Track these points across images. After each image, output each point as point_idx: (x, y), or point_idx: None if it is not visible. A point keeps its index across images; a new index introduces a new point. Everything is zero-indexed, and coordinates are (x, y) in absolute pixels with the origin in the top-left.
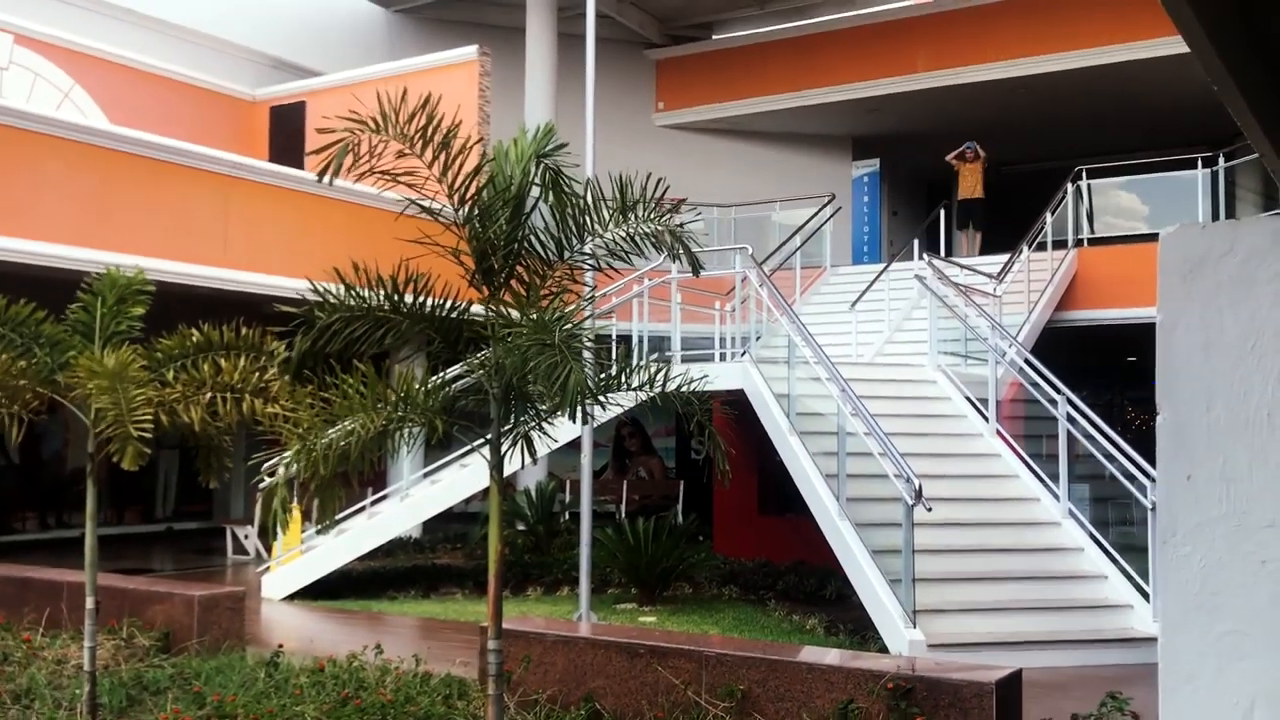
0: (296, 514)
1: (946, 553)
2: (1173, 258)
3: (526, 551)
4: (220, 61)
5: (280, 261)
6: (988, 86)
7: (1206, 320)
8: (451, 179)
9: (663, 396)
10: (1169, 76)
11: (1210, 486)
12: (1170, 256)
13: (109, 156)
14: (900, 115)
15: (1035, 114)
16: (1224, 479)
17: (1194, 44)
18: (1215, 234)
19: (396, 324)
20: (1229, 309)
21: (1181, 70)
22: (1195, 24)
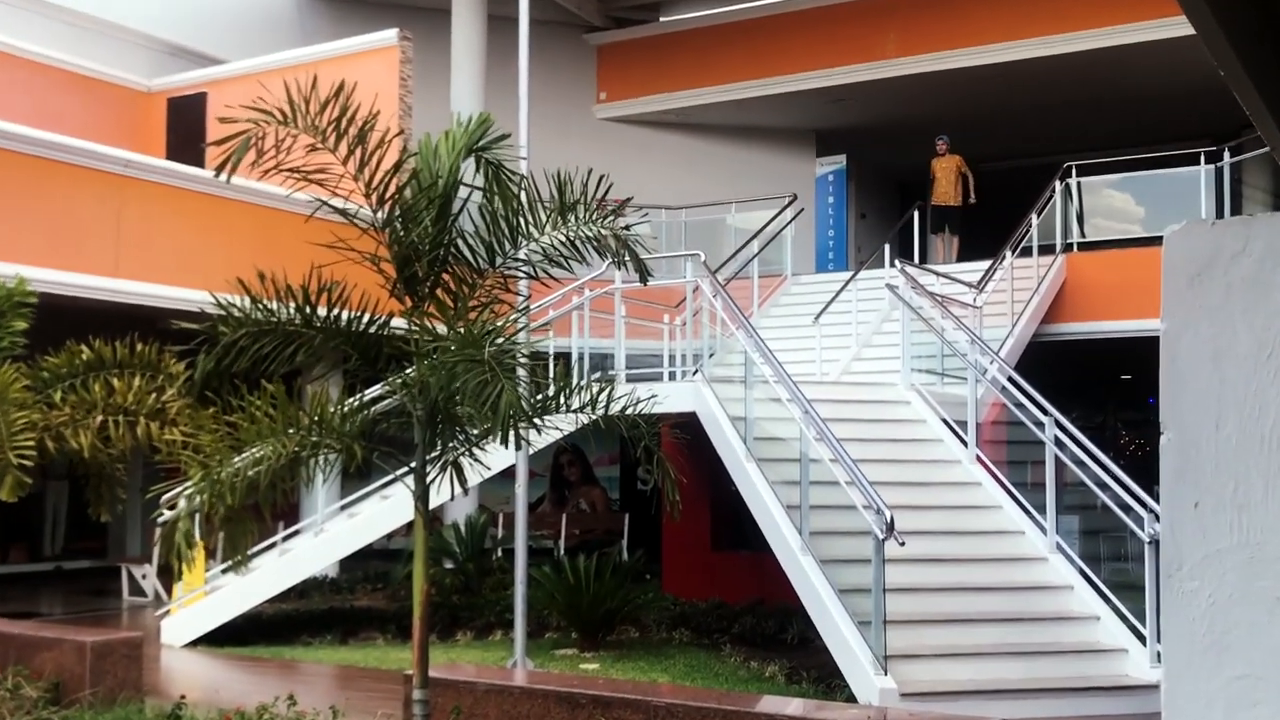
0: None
1: (921, 591)
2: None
3: (455, 592)
4: (111, 48)
5: (179, 271)
6: (966, 74)
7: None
8: (369, 176)
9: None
10: (1169, 62)
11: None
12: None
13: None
14: (869, 106)
15: (1019, 105)
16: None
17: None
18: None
19: (309, 339)
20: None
21: (1183, 55)
22: (1201, 2)
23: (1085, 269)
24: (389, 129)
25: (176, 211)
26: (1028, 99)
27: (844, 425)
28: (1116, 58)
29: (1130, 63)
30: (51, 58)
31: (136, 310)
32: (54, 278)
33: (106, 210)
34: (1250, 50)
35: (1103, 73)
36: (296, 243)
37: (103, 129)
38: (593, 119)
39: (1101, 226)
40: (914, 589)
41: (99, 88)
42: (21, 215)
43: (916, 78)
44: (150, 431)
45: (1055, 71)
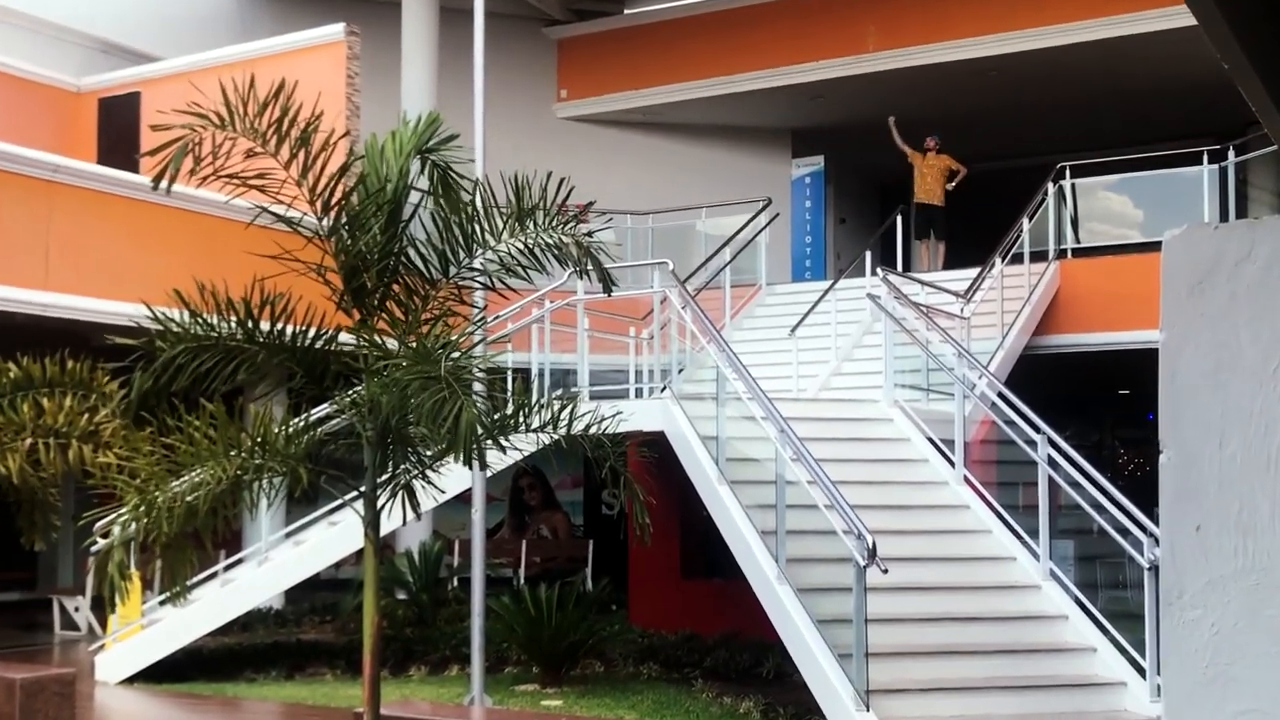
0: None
1: (906, 622)
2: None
3: (408, 624)
4: (38, 45)
5: (113, 283)
6: (952, 69)
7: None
8: (313, 181)
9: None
10: (1168, 54)
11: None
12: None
13: None
14: (848, 104)
15: (1009, 101)
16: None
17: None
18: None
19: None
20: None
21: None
22: None
23: (1080, 277)
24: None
25: (110, 219)
26: (1019, 95)
27: (823, 445)
28: (1112, 50)
29: (1127, 56)
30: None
31: (68, 325)
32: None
33: (35, 218)
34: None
35: (1098, 67)
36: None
37: (30, 131)
38: (553, 118)
39: (1097, 231)
40: (898, 619)
41: (24, 87)
42: None
43: (899, 73)
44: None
45: (1048, 66)
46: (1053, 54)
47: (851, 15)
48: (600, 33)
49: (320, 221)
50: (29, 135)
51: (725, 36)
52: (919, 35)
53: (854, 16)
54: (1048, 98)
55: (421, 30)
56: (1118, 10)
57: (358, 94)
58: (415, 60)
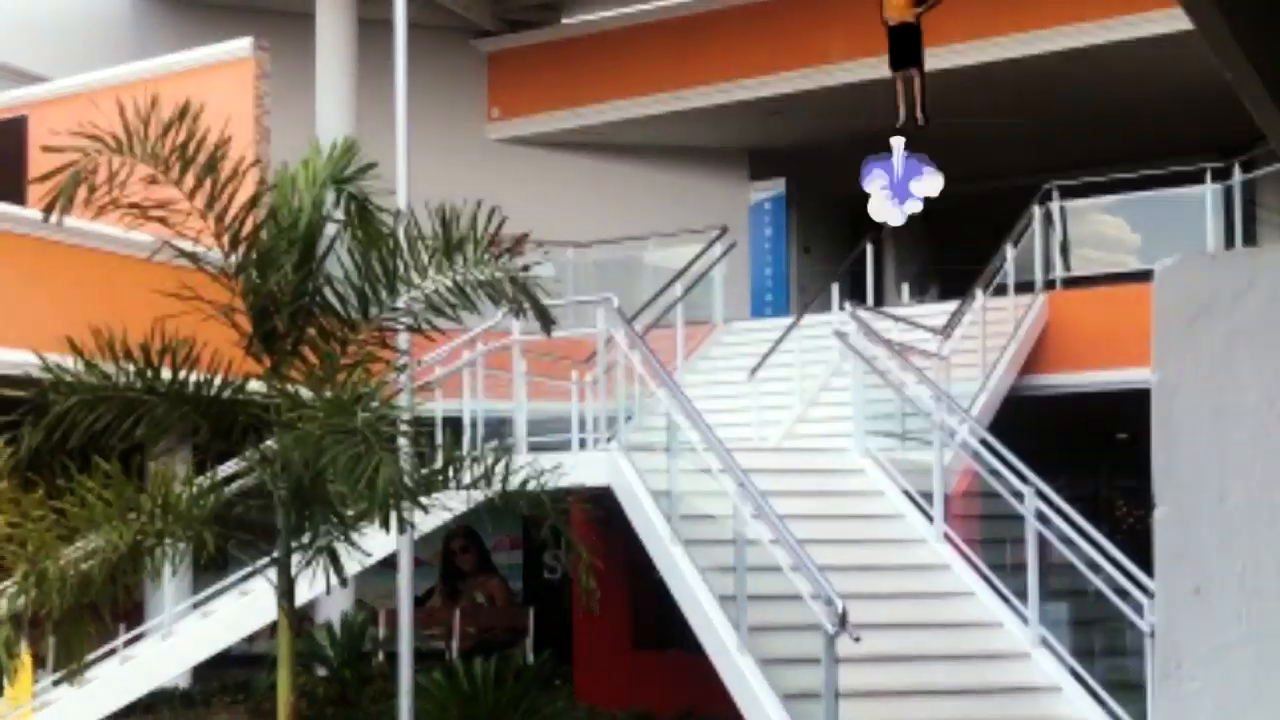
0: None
1: (881, 696)
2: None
3: (329, 703)
4: None
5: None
6: (927, 80)
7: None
8: (220, 213)
9: (504, 496)
10: (1168, 62)
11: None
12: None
13: None
14: (811, 120)
15: (991, 116)
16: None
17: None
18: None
19: (152, 408)
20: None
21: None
22: None
23: (1072, 309)
24: (243, 157)
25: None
26: (1001, 108)
27: (787, 500)
28: (1104, 57)
29: (1120, 62)
30: None
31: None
32: None
33: None
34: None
35: (1089, 75)
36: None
37: None
38: (484, 140)
39: (1090, 258)
40: (873, 693)
41: None
42: None
43: (867, 85)
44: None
45: (1033, 75)
46: (1040, 62)
47: (813, 23)
48: (535, 45)
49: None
50: None
51: (674, 48)
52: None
53: (816, 24)
54: (1033, 111)
55: (337, 44)
56: (1109, 14)
57: (267, 116)
58: (330, 78)
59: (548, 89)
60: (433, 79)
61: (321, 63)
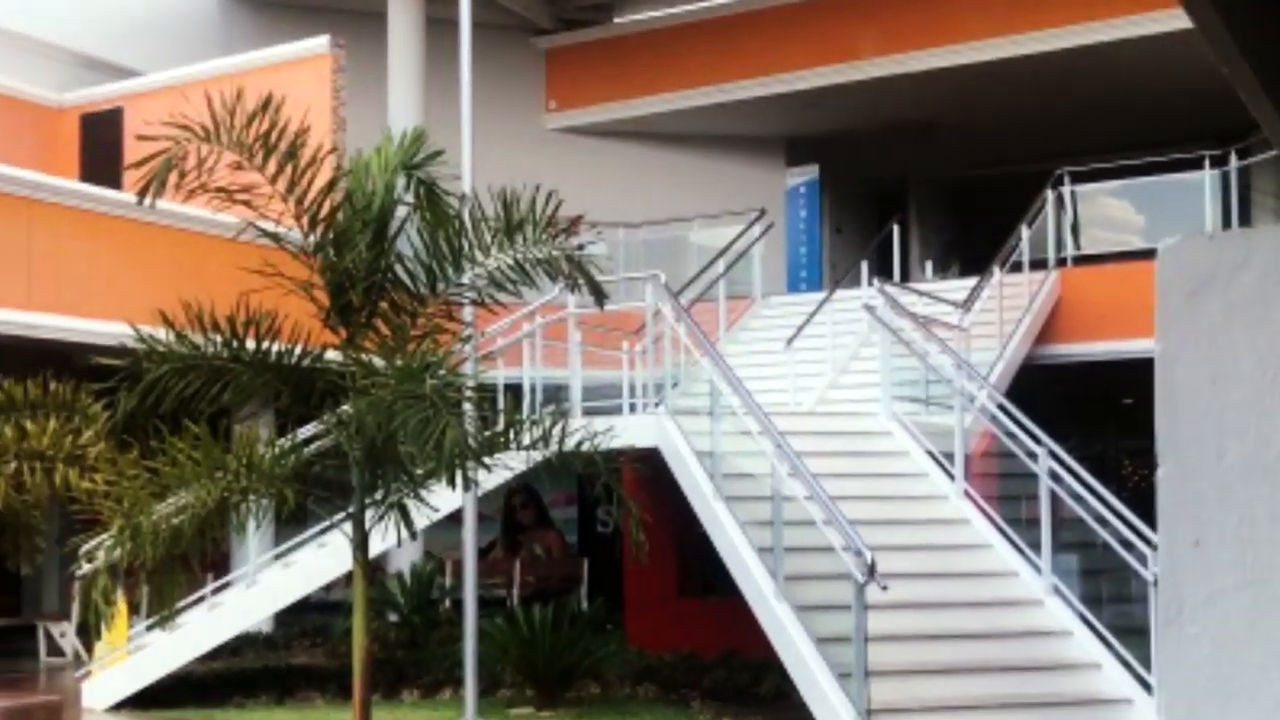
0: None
1: (907, 640)
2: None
3: (400, 647)
4: (18, 60)
5: (97, 302)
6: (948, 74)
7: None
8: (300, 196)
9: (560, 456)
10: (1170, 58)
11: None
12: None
13: None
14: (843, 111)
15: (1007, 107)
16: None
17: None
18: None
19: (237, 375)
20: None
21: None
22: None
23: (1081, 285)
24: (321, 145)
25: (93, 237)
26: (1016, 100)
27: (820, 459)
28: (1112, 53)
29: (1127, 58)
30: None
31: (51, 345)
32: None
33: (16, 237)
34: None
35: (1097, 71)
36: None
37: (10, 149)
38: (542, 130)
39: (1099, 238)
40: (899, 637)
41: (5, 104)
42: None
43: (895, 79)
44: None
45: (1046, 69)
46: (1052, 58)
47: (846, 21)
48: (589, 42)
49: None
50: (9, 152)
51: (717, 44)
52: (915, 40)
53: (849, 22)
54: (1047, 103)
55: (407, 42)
56: (1118, 13)
57: (343, 107)
58: (401, 73)
59: (601, 82)
60: (495, 73)
61: (393, 59)
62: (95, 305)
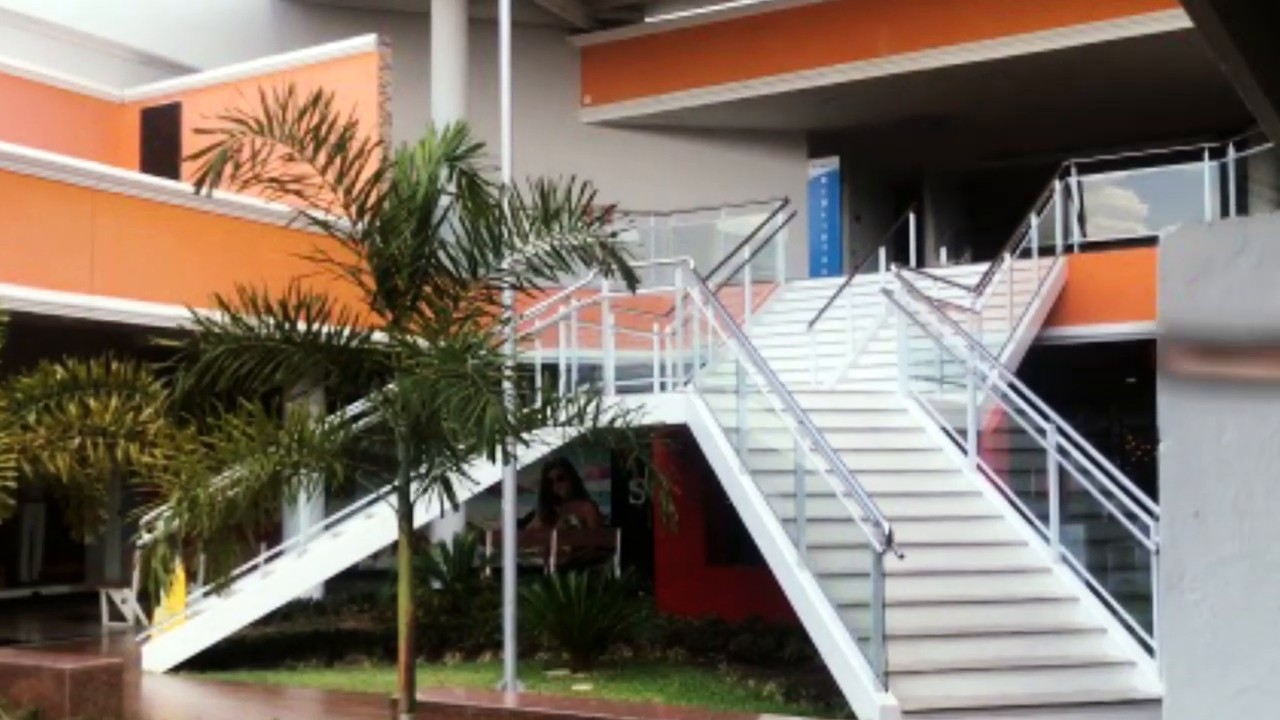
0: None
1: (922, 606)
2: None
3: (443, 612)
4: (83, 58)
5: (155, 286)
6: (961, 71)
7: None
8: (348, 186)
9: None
10: (1171, 55)
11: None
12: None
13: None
14: (861, 106)
15: (1016, 102)
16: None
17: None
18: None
19: (289, 356)
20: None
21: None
22: None
23: (1087, 270)
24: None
25: (152, 225)
26: (1025, 95)
27: (840, 435)
28: (1116, 51)
29: (1130, 57)
30: (21, 69)
31: (112, 327)
32: (26, 295)
33: (80, 225)
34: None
35: (1103, 67)
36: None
37: (75, 141)
38: (577, 123)
39: (1104, 226)
40: (914, 603)
41: (71, 99)
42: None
43: (910, 75)
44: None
45: (1054, 67)
46: (1059, 55)
47: (863, 20)
48: (622, 40)
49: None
50: (74, 145)
51: (742, 43)
52: (929, 39)
53: (866, 22)
54: (1054, 98)
55: (450, 40)
56: (1122, 13)
57: (389, 102)
58: (444, 69)
59: (633, 79)
60: (533, 70)
61: (436, 56)
62: (155, 289)
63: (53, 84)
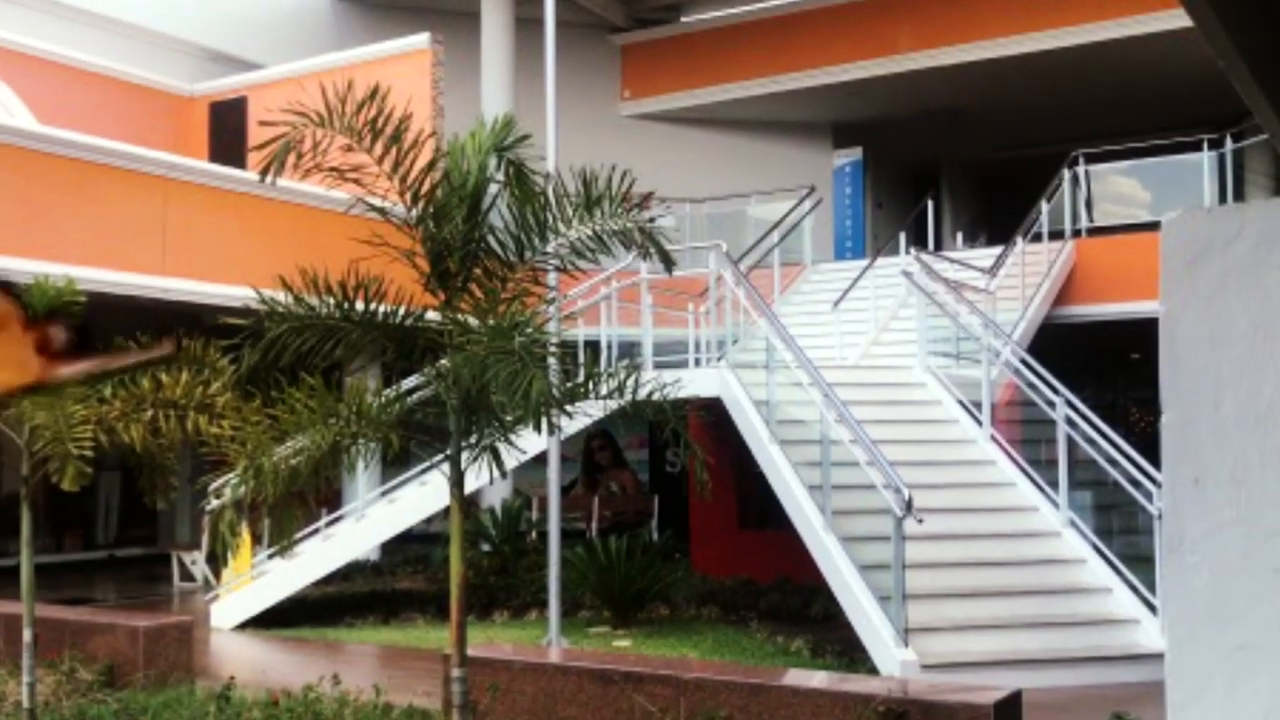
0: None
1: (939, 567)
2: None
3: (492, 573)
4: (156, 55)
5: (222, 269)
6: (976, 67)
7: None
8: (403, 175)
9: (634, 405)
10: (1172, 53)
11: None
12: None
13: (37, 159)
14: (883, 100)
15: (1028, 96)
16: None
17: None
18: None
19: (347, 334)
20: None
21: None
22: None
23: (1094, 253)
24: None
25: (220, 211)
26: (1036, 90)
27: (863, 407)
28: (1122, 48)
29: (1135, 53)
30: (100, 66)
31: (182, 307)
32: (103, 277)
33: (152, 211)
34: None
35: (1109, 63)
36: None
37: (149, 133)
38: (617, 116)
39: (1109, 212)
40: (932, 565)
41: (145, 94)
42: (71, 218)
43: (929, 71)
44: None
45: (1063, 63)
46: (1068, 52)
47: (885, 19)
48: (660, 39)
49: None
50: (147, 137)
51: (772, 41)
52: (946, 37)
53: (888, 20)
54: (1063, 92)
55: (498, 39)
56: (1127, 13)
57: (441, 96)
58: (493, 65)
59: (670, 74)
60: (576, 66)
61: (485, 53)
62: (222, 271)
63: (128, 79)
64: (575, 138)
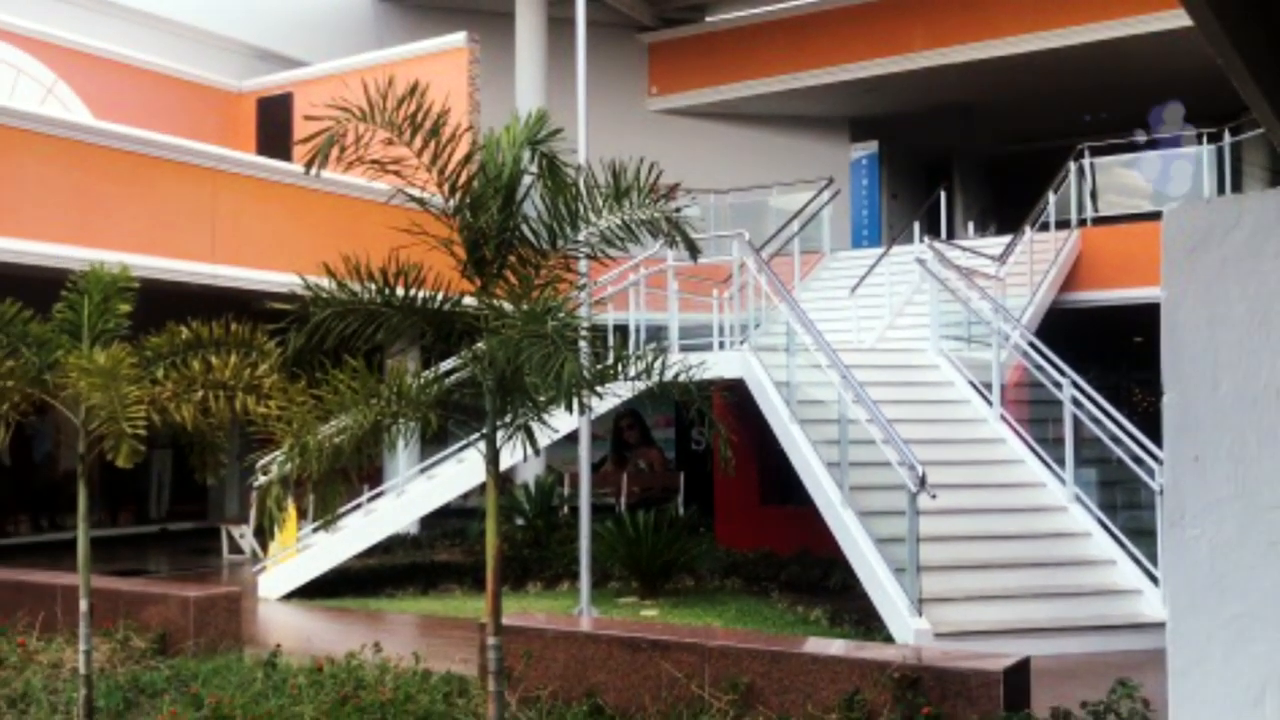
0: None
1: (951, 540)
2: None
3: (526, 546)
4: (205, 53)
5: (269, 256)
6: (987, 64)
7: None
8: (441, 167)
9: (661, 386)
10: (1172, 50)
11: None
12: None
13: (93, 152)
14: (898, 96)
15: (1036, 92)
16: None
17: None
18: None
19: (388, 318)
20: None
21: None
22: None
23: (1098, 242)
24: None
25: (266, 202)
26: (1044, 86)
27: (879, 388)
28: (1127, 46)
29: (1139, 50)
30: (153, 63)
31: (230, 293)
32: (155, 264)
33: (202, 202)
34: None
35: (1114, 60)
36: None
37: (199, 127)
38: (645, 111)
39: (1113, 202)
40: (945, 538)
41: (196, 90)
42: (125, 208)
43: (941, 68)
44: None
45: (1070, 60)
46: (1074, 50)
47: (901, 19)
48: (685, 37)
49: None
50: (197, 131)
51: (792, 39)
52: (958, 36)
53: (903, 20)
54: (1069, 88)
55: (532, 37)
56: (1130, 12)
57: (478, 92)
58: (526, 63)
59: (695, 71)
60: (606, 64)
61: (519, 51)
62: (269, 259)
63: (179, 76)
64: (605, 132)
